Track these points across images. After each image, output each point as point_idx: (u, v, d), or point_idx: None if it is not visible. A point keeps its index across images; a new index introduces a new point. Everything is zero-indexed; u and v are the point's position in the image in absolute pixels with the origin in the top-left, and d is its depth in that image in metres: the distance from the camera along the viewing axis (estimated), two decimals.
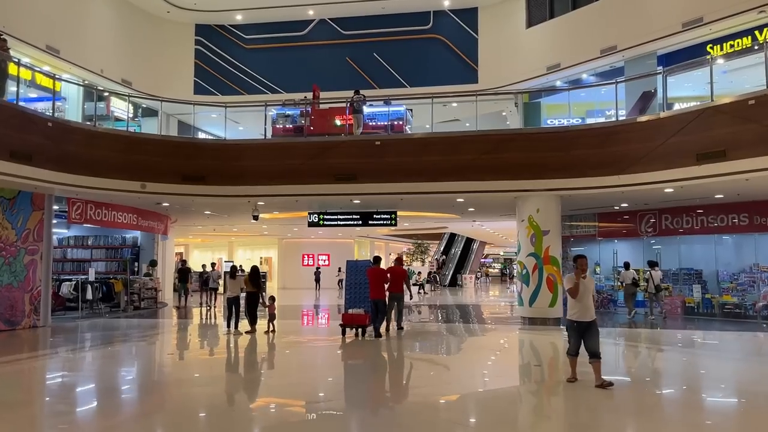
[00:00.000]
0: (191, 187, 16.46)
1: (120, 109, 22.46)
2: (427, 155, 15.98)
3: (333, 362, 11.10)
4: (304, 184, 16.45)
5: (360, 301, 13.00)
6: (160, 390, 8.42)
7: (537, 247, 15.49)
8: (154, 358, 11.33)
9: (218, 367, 10.35)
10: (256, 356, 11.56)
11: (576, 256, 8.32)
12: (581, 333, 7.96)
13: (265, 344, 12.71)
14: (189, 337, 14.79)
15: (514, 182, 15.61)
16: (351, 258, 40.59)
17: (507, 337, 14.39)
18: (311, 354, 12.07)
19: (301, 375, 9.57)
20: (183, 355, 11.76)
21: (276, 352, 12.19)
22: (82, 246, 24.81)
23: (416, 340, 13.30)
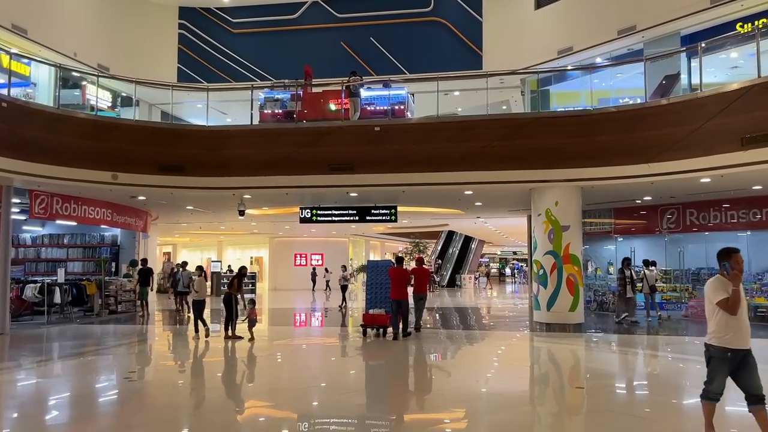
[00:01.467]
0: (169, 178, 14.76)
1: (97, 97, 20.75)
2: (432, 142, 14.34)
3: (357, 368, 9.46)
4: (295, 175, 14.79)
5: (381, 301, 12.88)
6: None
7: (556, 244, 13.88)
8: (108, 378, 9.43)
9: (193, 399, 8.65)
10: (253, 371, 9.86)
11: (726, 249, 5.26)
12: (735, 366, 5.21)
13: (266, 354, 11.01)
14: (161, 349, 13.04)
15: (530, 172, 14.00)
16: (346, 258, 39.18)
17: (526, 346, 12.74)
18: (332, 359, 10.41)
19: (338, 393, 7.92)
20: (146, 375, 9.87)
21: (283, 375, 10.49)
22: (57, 245, 23.21)
23: (428, 345, 11.80)
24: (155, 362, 10.91)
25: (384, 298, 12.77)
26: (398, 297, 12.15)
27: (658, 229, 17.97)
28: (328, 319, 18.14)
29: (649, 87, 17.06)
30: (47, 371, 9.75)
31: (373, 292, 13.09)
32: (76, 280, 18.34)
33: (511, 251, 69.08)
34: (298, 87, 15.75)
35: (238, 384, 9.04)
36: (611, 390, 8.27)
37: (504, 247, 64.42)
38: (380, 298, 12.90)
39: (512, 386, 8.56)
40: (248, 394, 8.27)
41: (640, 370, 9.98)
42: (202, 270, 14.16)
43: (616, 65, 17.91)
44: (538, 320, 14.29)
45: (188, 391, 8.39)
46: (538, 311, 14.21)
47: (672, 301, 17.97)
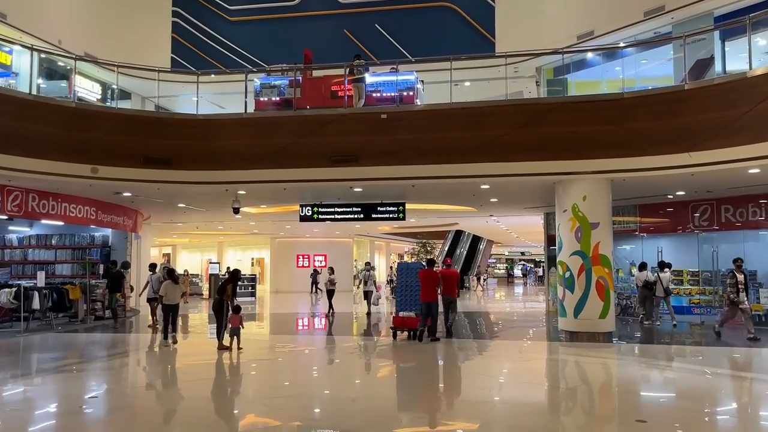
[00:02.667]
0: (155, 171, 13.40)
1: (85, 89, 19.41)
2: (445, 131, 12.93)
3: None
4: (293, 168, 13.42)
5: (410, 303, 12.97)
6: None
7: (584, 243, 12.45)
8: (55, 406, 8.00)
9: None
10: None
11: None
12: None
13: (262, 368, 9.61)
14: (139, 364, 11.62)
15: (555, 163, 12.58)
16: (350, 259, 37.80)
17: (553, 359, 11.30)
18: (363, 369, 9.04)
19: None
20: (112, 402, 8.37)
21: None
22: (44, 246, 21.93)
23: (447, 354, 10.35)
24: (117, 383, 9.45)
25: (414, 300, 12.84)
26: (428, 299, 12.20)
27: (689, 226, 16.51)
28: (344, 323, 16.78)
29: (677, 75, 15.70)
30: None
31: (403, 295, 13.21)
32: (59, 283, 17.00)
33: (519, 252, 67.61)
34: (296, 72, 14.35)
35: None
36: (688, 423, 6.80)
37: (512, 248, 62.94)
38: (410, 301, 12.99)
39: (546, 418, 7.13)
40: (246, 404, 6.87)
41: (713, 394, 8.32)
42: (172, 273, 12.82)
43: (653, 42, 16.32)
44: (563, 328, 12.86)
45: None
46: (564, 318, 12.77)
47: (701, 304, 16.54)
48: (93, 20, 19.98)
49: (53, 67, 19.19)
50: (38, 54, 17.52)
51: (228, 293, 11.69)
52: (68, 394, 8.18)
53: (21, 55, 17.75)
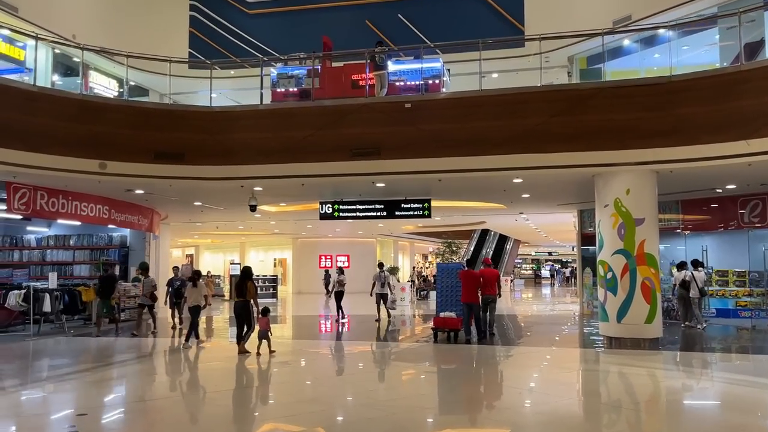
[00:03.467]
0: (166, 167, 12.68)
1: (102, 85, 18.88)
2: (474, 120, 11.99)
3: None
4: (311, 162, 12.59)
5: (451, 304, 12.92)
6: None
7: (627, 241, 11.39)
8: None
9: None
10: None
11: None
12: None
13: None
14: (149, 374, 10.90)
15: (594, 154, 11.54)
16: (373, 259, 36.84)
17: (601, 370, 10.26)
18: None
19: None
20: (126, 410, 7.73)
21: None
22: (62, 246, 21.55)
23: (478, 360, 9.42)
24: (123, 396, 8.72)
25: (454, 301, 12.79)
26: (469, 300, 12.11)
27: (733, 223, 15.30)
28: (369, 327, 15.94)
29: (725, 60, 14.55)
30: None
31: (443, 295, 13.18)
32: (73, 285, 16.46)
33: (546, 252, 66.10)
34: (315, 60, 13.52)
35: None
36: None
37: (539, 248, 61.49)
38: (451, 301, 12.94)
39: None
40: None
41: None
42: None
43: (703, 21, 15.10)
44: (605, 333, 11.81)
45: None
46: (606, 323, 11.72)
47: (748, 307, 15.33)
48: (108, 14, 19.44)
49: (68, 63, 18.66)
50: (51, 47, 17.17)
51: (252, 293, 11.03)
52: (75, 401, 7.45)
53: (34, 50, 17.28)
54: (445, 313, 12.73)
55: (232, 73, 20.21)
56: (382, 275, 17.03)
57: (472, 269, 12.82)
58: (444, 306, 13.16)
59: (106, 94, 18.15)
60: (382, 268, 17.49)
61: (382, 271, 17.20)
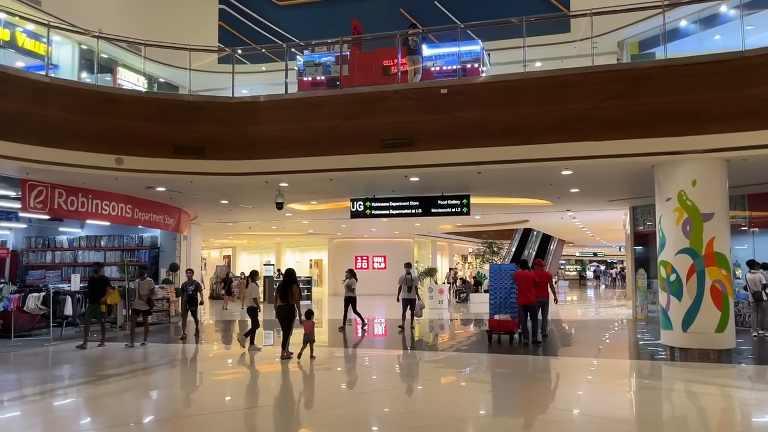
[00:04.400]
0: (186, 162, 11.93)
1: (130, 82, 18.35)
2: (517, 106, 10.84)
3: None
4: (340, 155, 11.64)
5: (505, 306, 12.70)
6: None
7: (694, 239, 10.06)
8: None
9: None
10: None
11: None
12: None
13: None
14: (180, 387, 10.07)
15: (654, 141, 10.24)
16: (410, 260, 35.71)
17: (660, 386, 8.97)
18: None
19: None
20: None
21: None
22: (94, 247, 21.22)
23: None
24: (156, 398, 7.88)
25: (509, 303, 12.58)
26: (526, 302, 11.83)
27: None
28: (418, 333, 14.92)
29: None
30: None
31: (496, 297, 12.93)
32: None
33: (591, 252, 63.85)
34: (343, 45, 12.55)
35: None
36: None
37: (584, 248, 59.34)
38: (504, 303, 12.70)
39: None
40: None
41: None
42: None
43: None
44: (668, 343, 10.48)
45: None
46: (669, 331, 10.39)
47: None
48: (135, 7, 18.92)
49: (91, 58, 18.24)
50: (77, 43, 16.70)
51: (296, 297, 10.44)
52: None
53: (61, 46, 16.85)
54: (500, 316, 12.50)
55: (263, 69, 19.44)
56: (408, 278, 14.66)
57: (527, 270, 12.26)
58: (497, 308, 12.85)
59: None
60: (409, 269, 14.95)
61: (408, 273, 14.77)
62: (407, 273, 14.75)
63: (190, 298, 13.55)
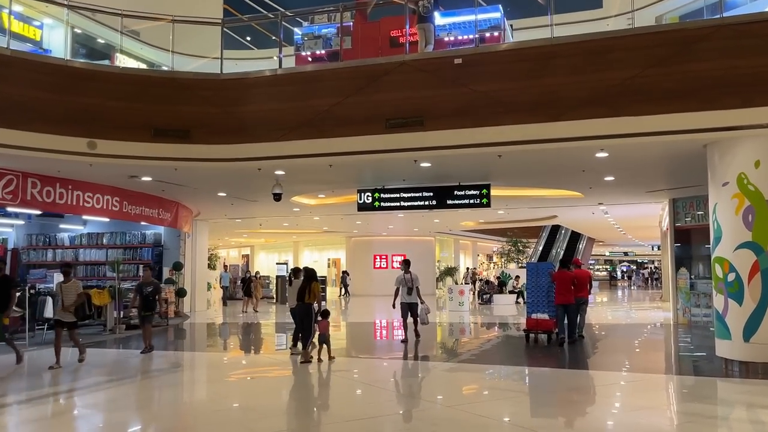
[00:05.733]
0: (168, 147, 10.60)
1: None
2: (545, 76, 9.29)
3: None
4: (339, 137, 10.20)
5: (543, 305, 12.37)
6: None
7: (758, 231, 8.38)
8: None
9: None
10: None
11: None
12: None
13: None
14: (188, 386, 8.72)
15: (707, 115, 8.57)
16: (432, 259, 34.32)
17: (725, 413, 7.33)
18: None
19: None
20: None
21: None
22: (96, 245, 20.25)
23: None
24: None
25: (547, 302, 12.28)
26: (564, 302, 11.59)
27: None
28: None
29: None
30: None
31: (533, 296, 12.65)
32: (85, 286, 14.71)
33: (622, 252, 61.49)
34: (344, 13, 11.12)
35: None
36: None
37: (614, 247, 57.07)
38: (542, 302, 12.38)
39: None
40: None
41: None
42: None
43: None
44: (725, 355, 8.79)
45: None
46: (726, 341, 8.70)
47: None
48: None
49: (92, 45, 17.12)
50: (69, 27, 15.60)
51: (316, 295, 10.13)
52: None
53: (52, 29, 15.78)
54: (538, 315, 12.19)
55: (275, 58, 18.14)
56: (407, 278, 12.21)
57: (565, 269, 11.98)
58: (534, 307, 12.47)
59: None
60: (407, 268, 12.46)
61: (407, 273, 12.31)
62: (405, 272, 12.35)
63: (146, 302, 10.96)
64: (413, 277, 12.23)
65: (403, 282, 12.22)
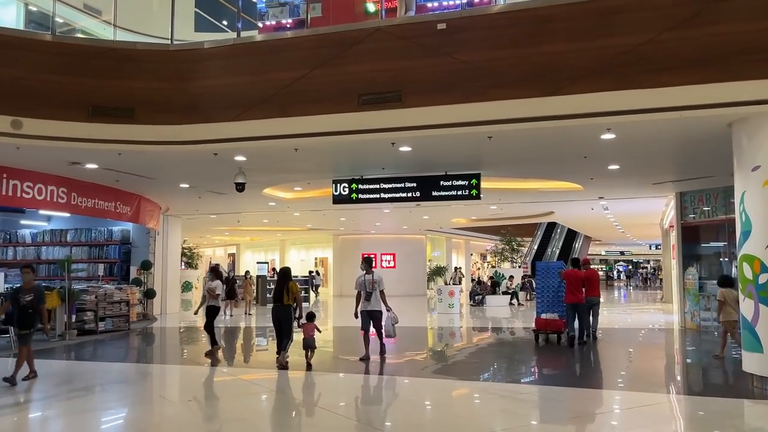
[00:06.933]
0: (109, 128, 9.20)
1: None
2: (542, 43, 7.94)
3: None
4: (305, 116, 8.82)
5: (553, 305, 12.27)
6: None
7: None
8: None
9: None
10: None
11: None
12: None
13: None
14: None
15: (734, 86, 7.23)
16: (422, 258, 32.96)
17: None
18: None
19: None
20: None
21: None
22: (59, 243, 18.89)
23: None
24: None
25: (556, 302, 12.19)
26: (574, 301, 11.42)
27: None
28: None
29: None
30: None
31: (543, 296, 12.53)
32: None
33: (618, 251, 60.41)
34: None
35: None
36: None
37: (611, 247, 55.93)
38: (552, 302, 12.30)
39: None
40: None
41: None
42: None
43: None
44: (753, 371, 7.43)
45: None
46: (757, 354, 7.33)
47: None
48: None
49: (48, 25, 15.71)
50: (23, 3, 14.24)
51: (295, 295, 9.33)
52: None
53: (6, 6, 14.41)
54: (548, 315, 12.04)
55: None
56: (367, 280, 9.78)
57: (576, 268, 11.77)
58: (544, 307, 12.35)
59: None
60: (369, 267, 9.96)
61: (368, 273, 9.84)
62: (366, 273, 9.87)
63: (22, 314, 8.18)
64: (375, 279, 9.77)
65: (363, 285, 9.82)
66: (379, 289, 9.80)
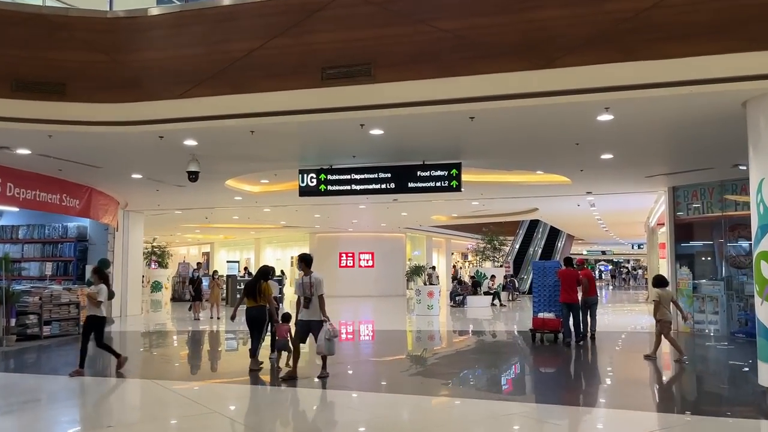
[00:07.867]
0: (36, 105, 8.00)
1: None
2: (531, 9, 6.92)
3: None
4: (261, 92, 7.70)
5: (549, 304, 12.16)
6: None
7: None
8: None
9: None
10: None
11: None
12: None
13: None
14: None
15: (750, 57, 6.28)
16: (402, 257, 31.91)
17: None
18: None
19: None
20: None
21: None
22: (10, 240, 17.56)
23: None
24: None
25: (553, 301, 12.14)
26: (568, 300, 11.47)
27: None
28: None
29: None
30: None
31: (539, 295, 12.55)
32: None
33: (599, 251, 59.98)
34: None
35: None
36: None
37: (592, 246, 55.46)
38: (548, 302, 12.30)
39: None
40: None
41: None
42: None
43: None
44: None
45: None
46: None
47: None
48: None
49: None
50: None
51: (268, 295, 9.01)
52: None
53: None
54: (544, 314, 12.04)
55: None
56: (306, 282, 7.93)
57: (571, 268, 11.95)
58: (540, 306, 12.37)
59: None
60: (307, 267, 8.11)
61: (307, 275, 7.99)
62: (305, 275, 8.00)
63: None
64: (313, 282, 7.91)
65: (300, 289, 7.97)
66: (318, 294, 7.88)
